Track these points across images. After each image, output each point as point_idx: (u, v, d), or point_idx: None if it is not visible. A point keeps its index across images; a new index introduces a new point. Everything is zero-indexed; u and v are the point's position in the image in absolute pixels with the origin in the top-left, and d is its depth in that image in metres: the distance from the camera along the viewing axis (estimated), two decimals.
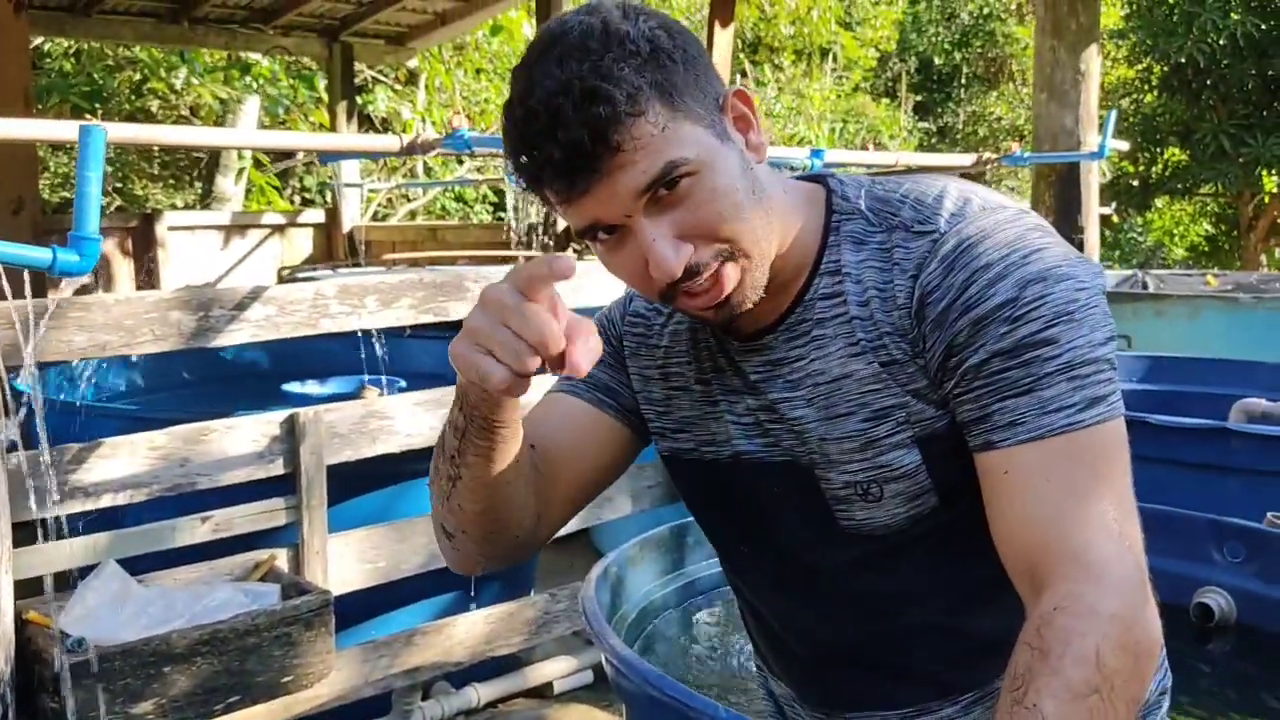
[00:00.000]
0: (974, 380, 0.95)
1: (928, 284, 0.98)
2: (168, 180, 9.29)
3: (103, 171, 1.45)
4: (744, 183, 0.99)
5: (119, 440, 2.26)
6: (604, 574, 2.33)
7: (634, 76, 0.94)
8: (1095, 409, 0.93)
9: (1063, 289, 0.95)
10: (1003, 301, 0.94)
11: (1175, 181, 10.00)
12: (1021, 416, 0.93)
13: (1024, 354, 0.93)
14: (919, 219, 1.02)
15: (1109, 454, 0.93)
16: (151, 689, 2.08)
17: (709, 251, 0.98)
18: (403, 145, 2.69)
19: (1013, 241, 0.97)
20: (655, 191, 0.95)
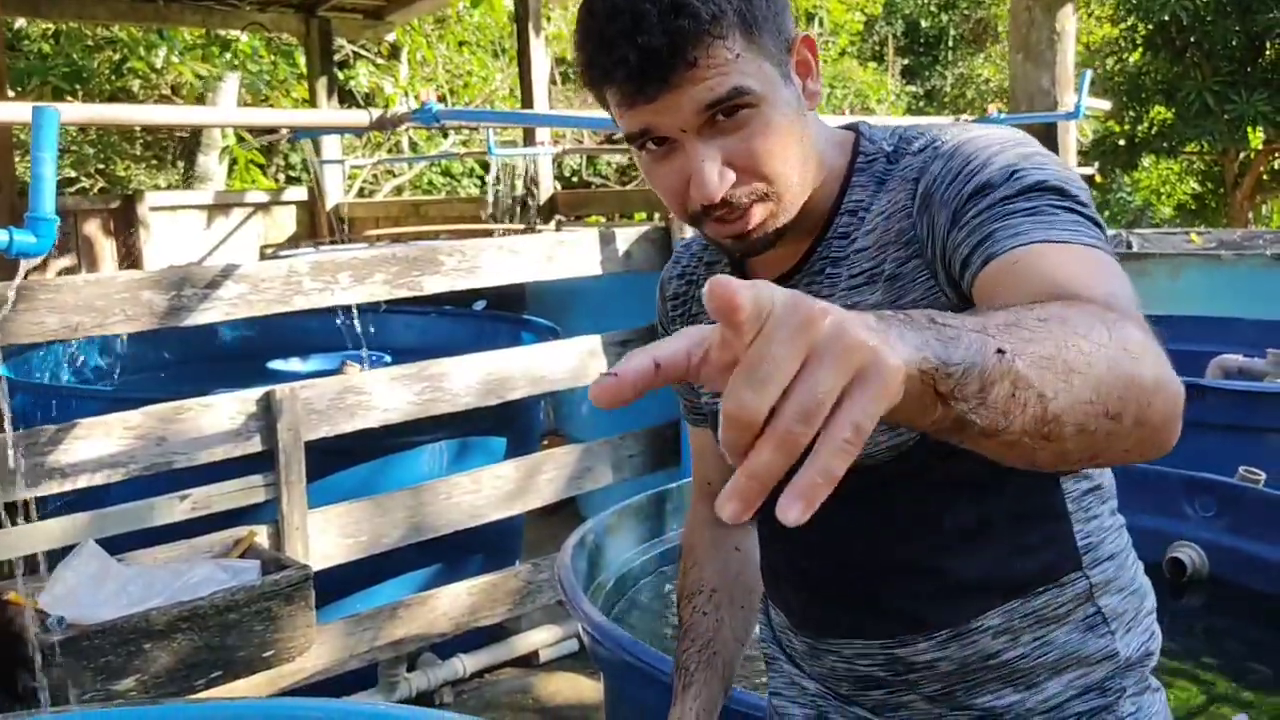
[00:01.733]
0: (978, 216, 0.93)
1: (930, 179, 1.00)
2: (150, 160, 9.24)
3: (56, 152, 1.45)
4: (797, 126, 1.01)
5: (94, 421, 2.27)
6: (580, 543, 2.36)
7: (719, 3, 0.95)
8: (1100, 242, 0.88)
9: (1054, 163, 0.97)
10: (1005, 165, 0.95)
11: (1161, 140, 9.98)
12: (1027, 232, 0.88)
13: (1030, 194, 0.92)
14: (928, 142, 1.04)
15: (1115, 266, 0.87)
16: (133, 665, 2.10)
17: (747, 188, 1.00)
18: (372, 120, 2.69)
19: (1012, 137, 1.00)
20: (715, 113, 0.97)
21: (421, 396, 2.76)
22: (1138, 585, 1.12)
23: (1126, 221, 11.09)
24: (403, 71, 9.05)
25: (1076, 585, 1.06)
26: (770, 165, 1.00)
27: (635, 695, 1.88)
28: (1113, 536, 1.09)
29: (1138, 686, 1.10)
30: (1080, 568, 1.07)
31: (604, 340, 3.16)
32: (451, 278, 2.85)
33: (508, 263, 2.98)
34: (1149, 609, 1.12)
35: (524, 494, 3.04)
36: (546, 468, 3.10)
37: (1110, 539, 1.09)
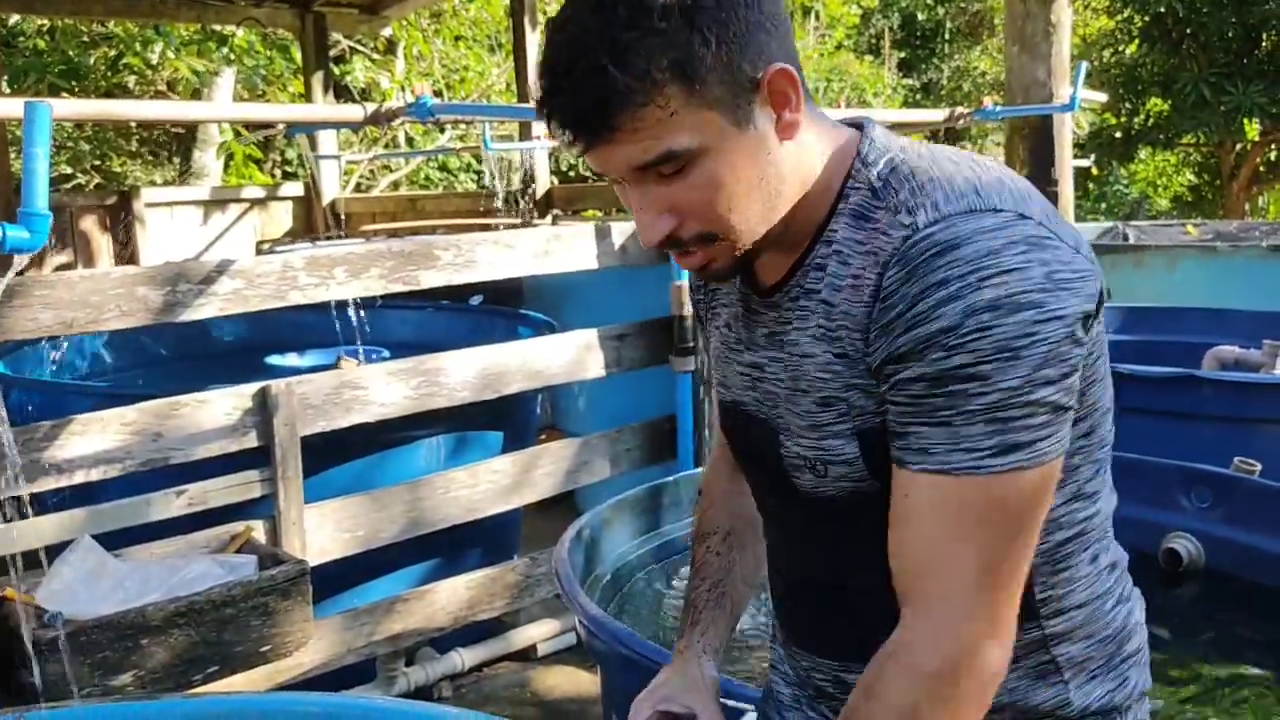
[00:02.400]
0: (901, 395, 0.93)
1: (888, 286, 0.94)
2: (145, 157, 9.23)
3: (50, 146, 1.45)
4: (752, 171, 0.97)
5: (90, 417, 2.27)
6: (577, 536, 2.36)
7: (652, 59, 0.91)
8: (1010, 456, 0.90)
9: (1014, 321, 0.89)
10: (945, 327, 0.90)
11: (1157, 132, 9.99)
12: (933, 446, 0.92)
13: (950, 385, 0.90)
14: (909, 205, 0.96)
15: (1010, 504, 0.91)
16: (130, 661, 2.10)
17: (690, 231, 0.99)
18: (366, 115, 2.68)
19: (982, 258, 0.90)
20: (651, 168, 0.96)
21: (418, 391, 2.76)
22: (1115, 631, 1.07)
23: (1123, 214, 11.10)
24: (399, 66, 9.04)
25: (1028, 635, 1.03)
26: (713, 215, 0.98)
27: (632, 688, 1.88)
28: (1087, 584, 1.05)
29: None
30: (1036, 619, 1.03)
31: (600, 334, 3.16)
32: (447, 272, 2.85)
33: (504, 257, 2.98)
34: (1130, 653, 1.08)
35: (521, 488, 3.05)
36: (544, 462, 3.11)
37: (1083, 587, 1.05)
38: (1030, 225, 0.93)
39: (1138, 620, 1.10)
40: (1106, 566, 1.06)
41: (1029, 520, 0.93)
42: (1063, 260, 0.92)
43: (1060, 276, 0.91)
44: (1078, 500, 1.02)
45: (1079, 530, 1.03)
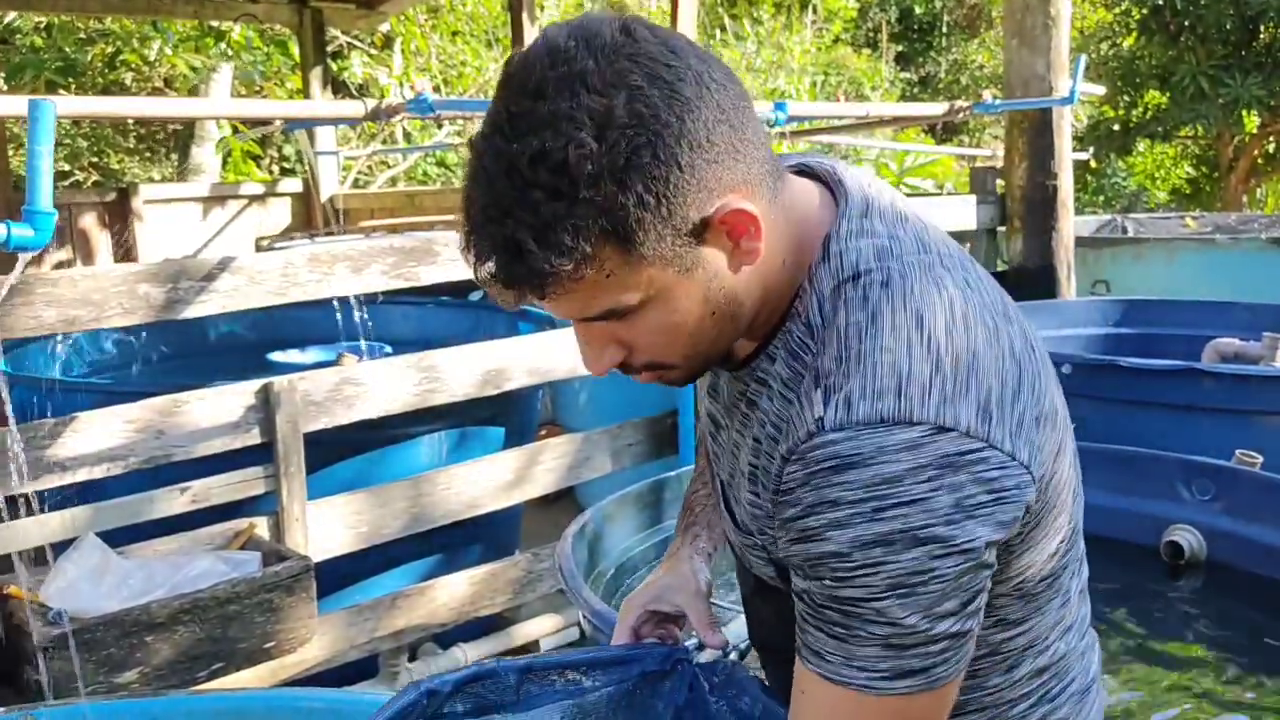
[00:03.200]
0: (802, 594, 0.91)
1: (786, 480, 0.89)
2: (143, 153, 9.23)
3: (53, 144, 1.45)
4: (703, 309, 0.91)
5: (92, 414, 2.27)
6: (580, 531, 2.36)
7: (580, 233, 0.83)
8: (904, 681, 0.88)
9: (909, 557, 0.84)
10: (834, 552, 0.86)
11: (1155, 124, 9.98)
12: (828, 654, 0.89)
13: (845, 608, 0.87)
14: (826, 383, 0.89)
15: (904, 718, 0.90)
16: (135, 658, 2.10)
17: (642, 359, 0.95)
18: (367, 111, 2.68)
19: (878, 485, 0.84)
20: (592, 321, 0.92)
21: (420, 387, 2.76)
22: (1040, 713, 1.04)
23: (1121, 206, 11.10)
24: (396, 62, 9.03)
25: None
26: (663, 349, 0.94)
27: None
28: (994, 692, 1.03)
29: None
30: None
31: None
32: (448, 268, 2.85)
33: None
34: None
35: (523, 484, 3.05)
36: (545, 457, 3.11)
37: (988, 694, 1.02)
38: (949, 440, 0.85)
39: (1061, 716, 1.06)
40: (1027, 674, 1.03)
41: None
42: (983, 479, 0.86)
43: (973, 503, 0.85)
44: (997, 626, 0.99)
45: (991, 650, 1.01)
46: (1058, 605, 1.03)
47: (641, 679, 1.15)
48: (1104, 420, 3.07)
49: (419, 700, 1.04)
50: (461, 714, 1.08)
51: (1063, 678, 1.06)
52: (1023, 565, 0.96)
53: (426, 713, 1.05)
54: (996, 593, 0.95)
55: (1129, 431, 2.98)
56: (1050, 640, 1.03)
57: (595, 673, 1.13)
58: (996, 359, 0.90)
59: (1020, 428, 0.89)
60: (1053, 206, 4.47)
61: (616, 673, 1.14)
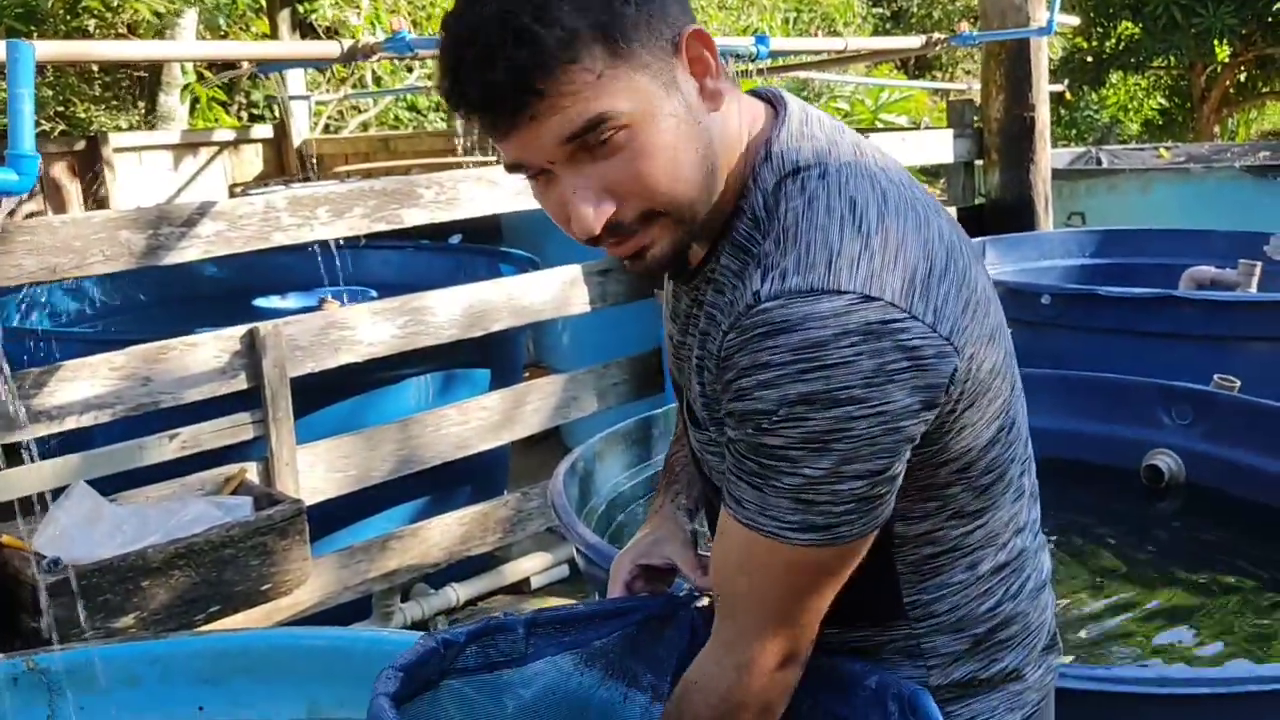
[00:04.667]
0: (730, 446, 0.97)
1: (726, 349, 0.94)
2: (110, 101, 9.05)
3: (34, 88, 1.43)
4: (686, 140, 0.94)
5: (78, 363, 2.26)
6: (571, 469, 2.38)
7: (574, 17, 0.87)
8: (808, 534, 0.93)
9: (827, 416, 0.89)
10: (761, 410, 0.91)
11: (1128, 55, 9.98)
12: (746, 502, 0.95)
13: (763, 458, 0.93)
14: (765, 262, 0.94)
15: (806, 570, 0.96)
16: (131, 603, 2.11)
17: (633, 210, 0.94)
18: (343, 51, 2.65)
19: (805, 348, 0.89)
20: (580, 143, 0.91)
21: (404, 330, 2.76)
22: (990, 625, 1.07)
23: (1095, 139, 11.11)
24: (364, 2, 8.88)
25: (898, 630, 1.07)
26: (654, 190, 0.94)
27: None
28: (960, 590, 1.06)
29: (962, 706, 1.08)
30: (905, 619, 1.06)
31: (584, 269, 3.16)
32: (430, 210, 2.83)
33: (486, 194, 2.96)
34: (1004, 639, 1.08)
35: (511, 424, 3.06)
36: (532, 398, 3.12)
37: (955, 593, 1.05)
38: (874, 309, 0.89)
39: (1022, 610, 1.10)
40: (989, 570, 1.06)
41: (825, 584, 0.98)
42: (905, 346, 0.90)
43: (894, 368, 0.89)
44: (953, 519, 1.03)
45: (952, 546, 1.04)
46: (1010, 500, 1.07)
47: (643, 625, 1.19)
48: (1083, 349, 3.10)
49: (436, 649, 1.07)
50: (474, 668, 1.11)
51: (1020, 574, 1.10)
52: (962, 447, 0.99)
53: (443, 663, 1.08)
54: (946, 482, 1.01)
55: (1108, 359, 3.02)
56: (1006, 537, 1.07)
57: (598, 623, 1.17)
58: (925, 242, 0.95)
59: (945, 305, 0.94)
60: (1030, 139, 4.47)
61: (618, 623, 1.18)
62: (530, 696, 1.14)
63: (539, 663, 1.14)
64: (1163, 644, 2.24)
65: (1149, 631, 2.30)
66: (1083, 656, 2.18)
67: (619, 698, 1.18)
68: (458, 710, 1.11)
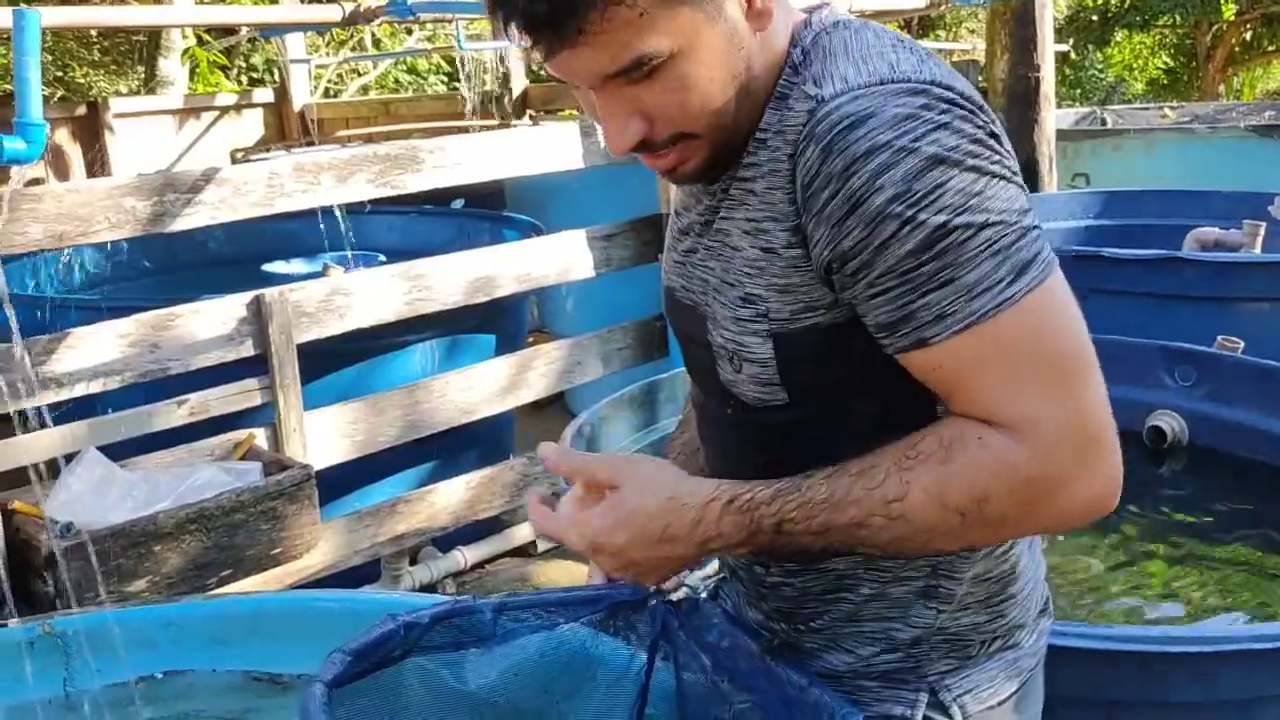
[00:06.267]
0: (886, 280, 0.88)
1: (807, 169, 0.89)
2: (109, 66, 9.02)
3: (39, 55, 1.43)
4: (726, 69, 0.93)
5: (86, 330, 2.27)
6: (578, 432, 2.40)
7: None
8: (1025, 276, 0.87)
9: (961, 170, 0.86)
10: (893, 196, 0.85)
11: (1134, 14, 9.91)
12: (948, 308, 0.87)
13: (936, 245, 0.86)
14: (816, 77, 0.92)
15: (1049, 317, 0.88)
16: (144, 567, 2.14)
17: (664, 132, 0.95)
18: (345, 15, 2.63)
19: (900, 122, 0.86)
20: (620, 77, 0.91)
21: (409, 296, 2.76)
22: (1001, 574, 1.07)
23: (1099, 99, 11.05)
24: None
25: (919, 566, 1.05)
26: (688, 115, 0.94)
27: None
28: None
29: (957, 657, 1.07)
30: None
31: (588, 234, 3.16)
32: (434, 175, 2.83)
33: (490, 159, 2.96)
34: (1011, 594, 1.08)
35: (516, 389, 3.07)
36: (537, 363, 3.13)
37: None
38: (948, 91, 0.89)
39: (1029, 567, 1.10)
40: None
41: (1075, 317, 0.90)
42: (987, 123, 0.91)
43: (987, 133, 0.90)
44: None
45: None
46: None
47: (612, 612, 1.17)
48: (1088, 311, 3.07)
49: (396, 631, 1.07)
50: (439, 645, 1.11)
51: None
52: None
53: (405, 643, 1.08)
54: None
55: (1112, 321, 3.02)
56: None
57: (568, 609, 1.16)
58: (972, 90, 0.95)
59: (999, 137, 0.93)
60: (1035, 99, 4.46)
61: (588, 609, 1.17)
62: (496, 676, 1.14)
63: (506, 645, 1.14)
64: (1165, 604, 2.26)
65: (1151, 592, 2.32)
66: (1086, 616, 2.21)
67: (585, 681, 1.18)
68: (420, 684, 1.11)
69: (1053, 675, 1.17)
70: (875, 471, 0.90)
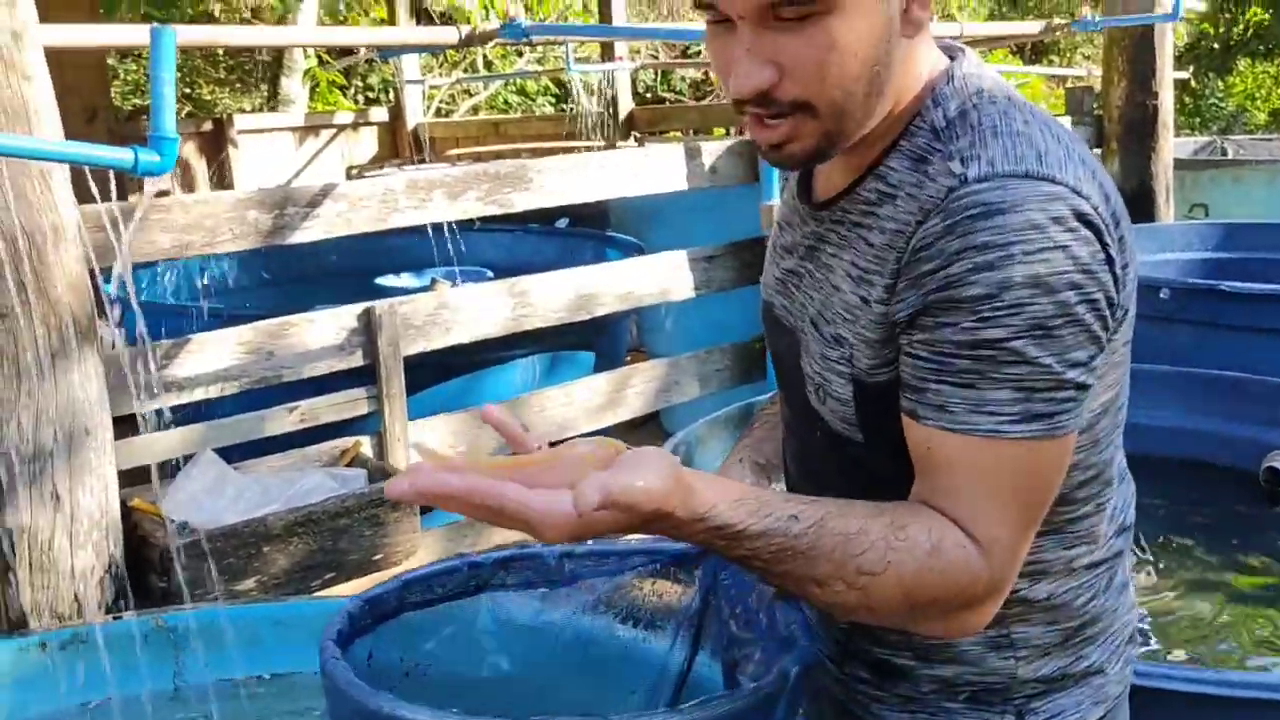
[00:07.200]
0: (923, 350, 0.92)
1: (925, 236, 0.91)
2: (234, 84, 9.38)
3: (174, 72, 1.50)
4: (871, 52, 0.92)
5: (207, 336, 2.37)
6: (673, 452, 2.41)
7: None
8: (1031, 425, 0.89)
9: (1051, 301, 0.88)
10: (980, 295, 0.88)
11: (1257, 42, 9.62)
12: (954, 404, 0.90)
13: (980, 351, 0.88)
14: (964, 154, 0.93)
15: (1028, 471, 0.91)
16: (253, 567, 2.21)
17: (790, 92, 0.93)
18: (461, 37, 2.70)
19: (1027, 229, 0.87)
20: (783, 8, 0.90)
21: (512, 312, 2.81)
22: (1080, 621, 1.05)
23: (1219, 128, 10.71)
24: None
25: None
26: (820, 81, 0.92)
27: None
28: (1055, 579, 1.04)
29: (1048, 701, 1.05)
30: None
31: (690, 255, 3.18)
32: (541, 195, 2.88)
33: (595, 179, 3.00)
34: (1091, 635, 1.07)
35: (614, 406, 3.10)
36: (635, 381, 3.16)
37: (1050, 581, 1.04)
38: (1084, 203, 0.90)
39: (1112, 608, 1.08)
40: (1084, 565, 1.05)
41: (1048, 484, 0.93)
42: (1107, 250, 0.91)
43: (1101, 260, 0.90)
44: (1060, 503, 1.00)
45: (1055, 529, 1.02)
46: (1112, 494, 1.06)
47: (672, 561, 1.22)
48: (1203, 345, 3.02)
49: (460, 567, 1.17)
50: (511, 584, 1.19)
51: (1107, 577, 1.08)
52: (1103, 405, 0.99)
53: (470, 582, 1.17)
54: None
55: (1228, 356, 2.93)
56: (1102, 533, 1.06)
57: (629, 558, 1.22)
58: (1107, 182, 0.97)
59: (1124, 241, 0.95)
60: (1152, 127, 4.35)
61: (646, 559, 1.22)
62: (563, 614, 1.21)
63: (572, 587, 1.21)
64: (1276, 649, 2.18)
65: (1264, 636, 2.24)
66: (1194, 659, 2.14)
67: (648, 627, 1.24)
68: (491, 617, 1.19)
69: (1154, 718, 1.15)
70: (861, 539, 0.89)
